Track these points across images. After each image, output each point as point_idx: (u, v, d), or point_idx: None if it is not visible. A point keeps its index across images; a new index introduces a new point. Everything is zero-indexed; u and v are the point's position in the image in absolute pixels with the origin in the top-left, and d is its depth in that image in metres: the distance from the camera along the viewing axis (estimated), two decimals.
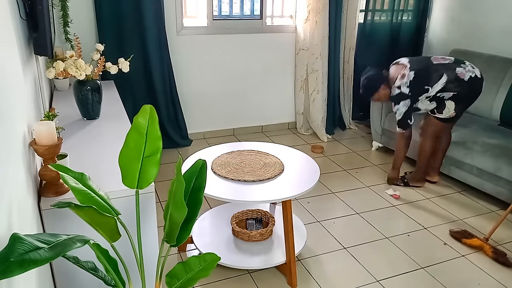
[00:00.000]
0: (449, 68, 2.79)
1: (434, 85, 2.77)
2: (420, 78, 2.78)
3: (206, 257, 1.41)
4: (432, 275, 2.25)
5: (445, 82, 2.75)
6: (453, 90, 2.78)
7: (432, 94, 2.80)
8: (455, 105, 2.82)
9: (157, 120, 1.33)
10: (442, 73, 2.76)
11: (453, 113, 2.85)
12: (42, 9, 1.68)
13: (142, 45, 3.40)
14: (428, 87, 2.77)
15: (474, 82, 2.79)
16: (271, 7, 4.02)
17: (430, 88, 2.77)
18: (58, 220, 1.46)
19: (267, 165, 2.26)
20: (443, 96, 2.81)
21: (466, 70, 2.78)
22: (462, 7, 4.04)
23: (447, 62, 2.84)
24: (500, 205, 2.96)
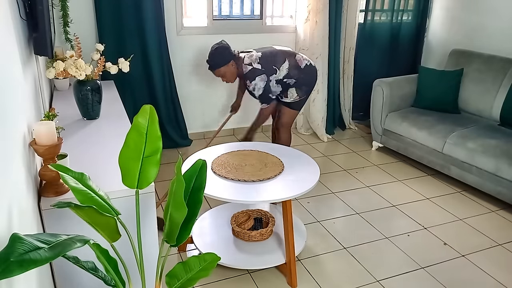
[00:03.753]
0: (289, 54, 2.95)
1: (280, 67, 2.90)
2: (266, 57, 2.89)
3: (206, 257, 1.41)
4: (432, 275, 2.25)
5: (288, 67, 2.90)
6: (295, 78, 2.94)
7: (279, 78, 2.91)
8: (297, 90, 2.99)
9: (157, 120, 1.33)
10: (285, 58, 2.93)
11: (297, 96, 3.00)
12: (42, 9, 1.68)
13: (142, 45, 3.40)
14: (275, 67, 2.89)
15: (309, 69, 2.98)
16: (271, 7, 4.02)
17: (278, 69, 2.89)
18: (58, 220, 1.46)
19: (267, 165, 2.26)
20: (289, 82, 2.96)
21: (303, 58, 2.97)
22: (462, 7, 4.04)
23: (286, 49, 3.01)
24: (500, 205, 2.96)
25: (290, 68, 2.91)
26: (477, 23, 3.90)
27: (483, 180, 2.97)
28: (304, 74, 2.96)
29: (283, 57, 2.93)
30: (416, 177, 3.40)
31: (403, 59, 4.48)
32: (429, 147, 3.33)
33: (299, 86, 2.99)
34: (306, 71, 2.97)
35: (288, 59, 2.92)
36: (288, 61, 2.91)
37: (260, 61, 2.86)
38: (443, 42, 4.28)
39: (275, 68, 2.88)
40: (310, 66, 2.99)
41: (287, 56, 2.94)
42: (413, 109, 3.71)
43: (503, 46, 3.66)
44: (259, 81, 2.85)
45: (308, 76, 3.00)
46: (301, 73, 2.95)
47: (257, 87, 2.88)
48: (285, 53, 2.96)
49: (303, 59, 2.97)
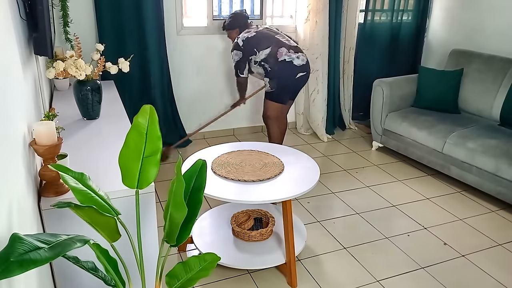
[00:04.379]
0: (277, 44, 3.13)
1: (260, 51, 3.13)
2: (254, 39, 3.16)
3: (206, 257, 1.41)
4: (432, 275, 2.25)
5: (267, 53, 3.12)
6: (270, 66, 3.13)
7: (257, 60, 3.16)
8: (270, 80, 3.19)
9: (157, 120, 1.33)
10: (269, 45, 3.13)
11: (268, 87, 3.21)
12: (42, 9, 1.67)
13: (142, 45, 3.40)
14: (256, 50, 3.14)
15: (284, 65, 3.10)
16: (271, 7, 4.02)
17: (258, 52, 3.14)
18: (58, 220, 1.46)
19: (267, 165, 2.26)
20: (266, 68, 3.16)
21: (286, 53, 3.10)
22: (462, 7, 4.04)
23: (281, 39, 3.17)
24: (500, 205, 2.96)
25: (269, 55, 3.12)
26: (477, 23, 3.90)
27: (483, 180, 2.97)
28: (278, 67, 3.11)
29: (268, 43, 3.14)
30: (416, 177, 3.40)
31: (403, 59, 4.48)
32: (429, 147, 3.33)
33: (271, 77, 3.17)
34: (280, 64, 3.11)
35: (271, 48, 3.13)
36: (270, 48, 3.12)
37: (245, 40, 3.17)
38: (443, 42, 4.28)
39: (255, 50, 3.15)
40: (286, 62, 3.11)
41: (272, 45, 3.13)
42: (413, 109, 3.71)
43: (503, 46, 3.66)
44: (235, 55, 3.23)
45: (281, 70, 3.13)
46: (275, 65, 3.11)
47: (233, 58, 3.27)
48: (274, 41, 3.15)
49: (285, 54, 3.10)
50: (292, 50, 3.12)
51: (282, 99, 3.24)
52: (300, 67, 3.13)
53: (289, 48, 3.13)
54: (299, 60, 3.12)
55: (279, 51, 3.10)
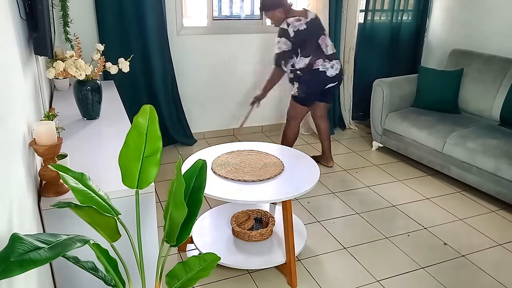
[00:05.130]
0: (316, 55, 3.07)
1: (301, 57, 3.07)
2: (305, 35, 3.03)
3: (206, 257, 1.41)
4: (432, 275, 2.25)
5: (306, 63, 3.07)
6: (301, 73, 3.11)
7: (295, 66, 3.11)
8: (298, 85, 3.18)
9: (157, 120, 1.33)
10: (310, 53, 3.07)
11: (296, 92, 3.20)
12: (42, 9, 1.68)
13: (142, 45, 3.40)
14: (299, 51, 3.07)
15: (318, 76, 3.10)
16: None
17: (299, 55, 3.08)
18: (58, 220, 1.46)
19: (267, 165, 2.26)
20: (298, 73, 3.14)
21: (322, 64, 3.08)
22: (462, 7, 4.04)
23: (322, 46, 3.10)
24: (500, 205, 2.96)
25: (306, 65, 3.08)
26: (477, 23, 3.90)
27: (483, 180, 2.97)
28: (310, 76, 3.10)
29: (310, 50, 3.06)
30: (416, 177, 3.40)
31: (403, 59, 4.48)
32: (429, 147, 3.33)
33: (301, 83, 3.16)
34: (313, 73, 3.09)
35: (311, 58, 3.07)
36: (309, 58, 3.07)
37: (296, 32, 3.00)
38: (443, 42, 4.28)
39: (299, 52, 3.06)
40: (320, 72, 3.08)
41: (312, 54, 3.06)
42: (413, 109, 3.71)
43: (503, 46, 3.66)
44: (283, 44, 3.04)
45: (312, 79, 3.12)
46: (308, 73, 3.10)
47: (278, 45, 3.07)
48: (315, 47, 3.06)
49: (320, 64, 3.08)
50: (327, 59, 3.10)
51: (305, 102, 3.26)
52: (331, 78, 3.12)
53: (325, 57, 3.10)
54: (332, 70, 3.11)
55: (316, 62, 3.07)
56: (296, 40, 3.03)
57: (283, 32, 3.03)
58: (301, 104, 3.26)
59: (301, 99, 3.23)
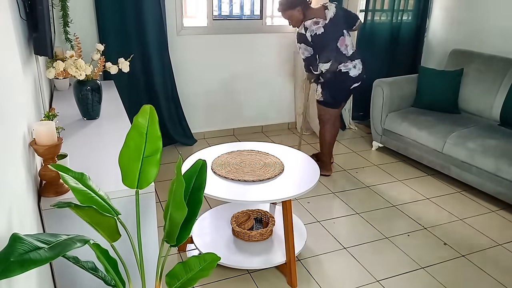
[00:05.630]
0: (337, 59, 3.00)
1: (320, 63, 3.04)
2: (322, 39, 2.95)
3: (206, 257, 1.41)
4: (432, 275, 2.25)
5: (326, 69, 3.04)
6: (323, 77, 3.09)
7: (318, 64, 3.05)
8: (322, 90, 3.16)
9: (157, 120, 1.33)
10: (330, 58, 3.01)
11: (321, 96, 3.17)
12: (42, 9, 1.68)
13: (142, 45, 3.40)
14: (317, 58, 3.03)
15: (341, 77, 3.04)
16: (271, 7, 4.02)
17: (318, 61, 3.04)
18: (58, 220, 1.46)
19: (267, 165, 2.26)
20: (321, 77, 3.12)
21: (345, 64, 3.02)
22: (462, 7, 4.04)
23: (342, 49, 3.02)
24: (500, 205, 2.96)
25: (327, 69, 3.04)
26: (477, 23, 3.90)
27: (483, 180, 2.97)
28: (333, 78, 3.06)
29: (330, 55, 3.00)
30: (416, 177, 3.40)
31: (403, 59, 4.48)
32: (429, 147, 3.33)
33: (324, 88, 3.14)
34: (336, 75, 3.05)
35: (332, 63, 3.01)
36: (330, 63, 3.02)
37: (313, 37, 2.94)
38: (443, 42, 4.28)
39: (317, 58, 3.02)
40: (343, 73, 3.04)
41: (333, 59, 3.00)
42: (413, 109, 3.71)
43: (503, 46, 3.66)
44: (304, 50, 3.01)
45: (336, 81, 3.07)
46: (331, 76, 3.05)
47: (301, 51, 3.05)
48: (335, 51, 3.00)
49: (343, 65, 3.02)
50: (349, 60, 3.03)
51: (334, 105, 3.22)
52: (355, 78, 3.06)
53: (347, 59, 3.03)
54: (355, 70, 3.05)
55: (337, 66, 3.03)
56: (315, 45, 2.96)
57: (302, 38, 2.97)
58: (331, 107, 3.21)
59: (331, 103, 3.18)
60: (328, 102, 3.18)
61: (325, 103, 3.20)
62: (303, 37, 2.96)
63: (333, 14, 2.99)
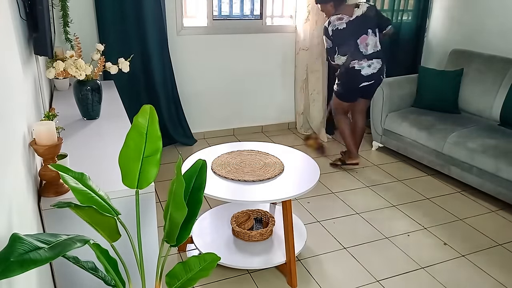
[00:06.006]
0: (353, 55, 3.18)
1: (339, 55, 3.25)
2: (343, 34, 3.17)
3: (206, 257, 1.41)
4: (432, 275, 2.25)
5: (343, 62, 3.23)
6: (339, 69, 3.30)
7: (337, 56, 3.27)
8: (336, 81, 3.36)
9: (157, 120, 1.33)
10: (347, 52, 3.20)
11: (336, 88, 3.37)
12: (42, 9, 1.68)
13: (142, 45, 3.40)
14: (337, 50, 3.25)
15: (352, 74, 3.20)
16: (271, 7, 4.02)
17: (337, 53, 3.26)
18: (58, 220, 1.46)
19: (267, 165, 2.26)
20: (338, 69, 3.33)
21: (358, 63, 3.17)
22: (462, 7, 4.04)
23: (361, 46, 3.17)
24: (500, 205, 2.96)
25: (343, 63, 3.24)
26: (477, 23, 3.90)
27: (483, 180, 2.97)
28: (345, 73, 3.24)
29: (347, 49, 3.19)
30: (416, 177, 3.40)
31: (403, 59, 4.47)
32: (429, 147, 3.33)
33: (338, 79, 3.34)
34: (348, 71, 3.21)
35: (348, 57, 3.19)
36: (346, 57, 3.21)
37: (335, 31, 3.17)
38: (443, 42, 4.28)
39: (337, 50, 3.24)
40: (355, 70, 3.18)
41: (349, 53, 3.18)
42: (413, 109, 3.71)
43: (503, 46, 3.66)
44: (325, 41, 3.30)
45: (347, 77, 3.25)
46: (344, 70, 3.24)
47: (324, 42, 3.34)
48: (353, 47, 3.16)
49: (356, 63, 3.17)
50: (365, 58, 3.17)
51: (344, 99, 3.38)
52: (366, 77, 3.19)
53: (364, 57, 3.17)
54: (369, 69, 3.18)
55: (351, 62, 3.18)
56: (335, 38, 3.19)
57: (324, 31, 3.25)
58: (340, 99, 3.40)
59: (339, 94, 3.38)
60: (339, 94, 3.38)
61: (337, 94, 3.40)
62: (325, 30, 3.23)
63: (361, 13, 3.17)
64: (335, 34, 3.16)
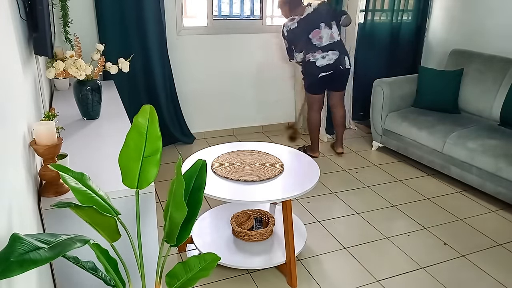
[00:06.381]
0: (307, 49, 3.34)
1: (296, 53, 3.44)
2: (296, 32, 3.36)
3: (206, 257, 1.41)
4: (432, 275, 2.25)
5: (301, 58, 3.42)
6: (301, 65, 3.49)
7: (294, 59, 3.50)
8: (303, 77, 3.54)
9: (157, 120, 1.33)
10: (302, 49, 3.38)
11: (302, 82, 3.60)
12: (42, 9, 1.68)
13: (142, 45, 3.40)
14: (294, 49, 3.44)
15: (309, 66, 3.39)
16: (271, 7, 4.02)
17: (295, 52, 3.45)
18: (58, 220, 1.46)
19: (267, 165, 2.26)
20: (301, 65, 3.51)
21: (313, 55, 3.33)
22: (462, 7, 4.04)
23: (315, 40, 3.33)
24: (500, 205, 2.96)
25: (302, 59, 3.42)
26: (477, 23, 3.90)
27: (483, 180, 2.97)
28: (304, 67, 3.44)
29: (302, 46, 3.37)
30: (416, 177, 3.40)
31: (403, 59, 4.48)
32: (429, 147, 3.33)
33: (302, 73, 3.51)
34: (306, 64, 3.41)
35: (304, 52, 3.38)
36: (303, 53, 3.39)
37: (289, 32, 3.37)
38: (443, 42, 4.28)
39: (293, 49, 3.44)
40: (310, 63, 3.36)
41: (304, 49, 3.37)
42: (413, 109, 3.71)
43: (503, 46, 3.66)
44: (282, 41, 3.53)
45: (306, 70, 3.44)
46: (303, 65, 3.44)
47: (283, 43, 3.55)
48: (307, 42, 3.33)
49: (311, 55, 3.34)
50: (320, 50, 3.32)
51: (310, 91, 3.55)
52: (322, 68, 3.34)
53: (318, 49, 3.32)
54: (324, 60, 3.32)
55: (306, 56, 3.37)
56: (290, 38, 3.40)
57: (281, 33, 3.46)
58: (310, 93, 3.56)
59: (307, 89, 3.56)
60: (306, 87, 3.57)
61: (305, 88, 3.60)
62: (282, 33, 3.45)
63: (311, 10, 3.35)
64: (289, 34, 3.37)
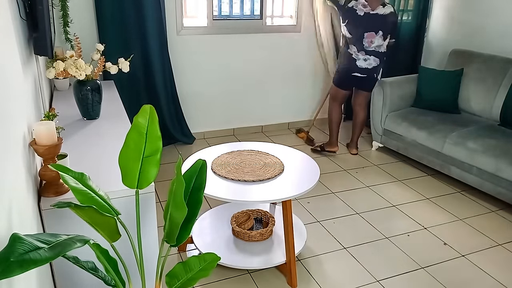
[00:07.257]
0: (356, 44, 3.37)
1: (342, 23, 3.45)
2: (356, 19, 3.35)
3: (206, 257, 1.41)
4: (432, 275, 2.25)
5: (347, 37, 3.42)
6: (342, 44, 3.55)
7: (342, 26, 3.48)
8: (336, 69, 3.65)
9: (157, 120, 1.33)
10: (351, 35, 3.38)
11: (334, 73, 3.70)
12: (42, 9, 1.68)
13: (142, 45, 3.40)
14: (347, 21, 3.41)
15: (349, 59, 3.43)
16: (271, 7, 4.01)
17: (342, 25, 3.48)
18: (58, 220, 1.46)
19: (267, 165, 2.26)
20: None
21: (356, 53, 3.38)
22: (462, 7, 4.04)
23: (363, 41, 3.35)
24: (500, 205, 2.96)
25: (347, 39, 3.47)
26: (477, 23, 3.90)
27: (483, 180, 2.97)
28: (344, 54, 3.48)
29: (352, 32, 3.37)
30: (416, 177, 3.40)
31: (403, 59, 4.47)
32: (429, 147, 3.33)
33: (338, 66, 3.57)
34: (347, 54, 3.45)
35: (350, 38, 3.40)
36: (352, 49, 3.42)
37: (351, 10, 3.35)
38: (443, 42, 4.28)
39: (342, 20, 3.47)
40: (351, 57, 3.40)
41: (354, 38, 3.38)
42: (413, 109, 3.71)
43: (503, 46, 3.66)
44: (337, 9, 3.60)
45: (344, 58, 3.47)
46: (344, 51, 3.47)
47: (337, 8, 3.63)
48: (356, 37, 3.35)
49: (354, 51, 3.39)
50: (363, 51, 3.37)
51: (339, 84, 3.58)
52: (359, 69, 3.41)
53: (362, 50, 3.37)
54: (364, 62, 3.39)
55: (351, 47, 3.40)
56: (347, 15, 3.35)
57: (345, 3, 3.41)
58: (336, 85, 3.60)
59: (336, 82, 3.60)
60: (335, 80, 3.60)
61: (334, 80, 3.63)
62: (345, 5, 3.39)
63: (382, 13, 3.34)
64: (350, 12, 3.32)
